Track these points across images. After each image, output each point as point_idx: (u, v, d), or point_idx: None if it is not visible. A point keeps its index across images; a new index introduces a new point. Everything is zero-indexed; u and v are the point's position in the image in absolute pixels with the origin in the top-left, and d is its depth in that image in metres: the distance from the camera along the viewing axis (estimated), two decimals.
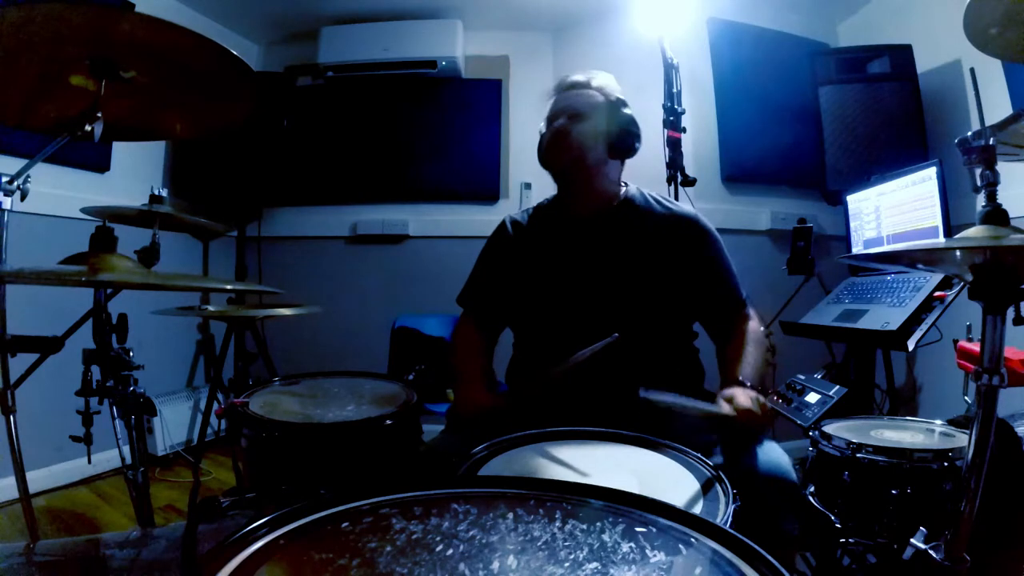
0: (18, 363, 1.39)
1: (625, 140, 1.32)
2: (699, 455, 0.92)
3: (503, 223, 1.48)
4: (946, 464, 1.20)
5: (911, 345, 1.73)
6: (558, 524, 0.61)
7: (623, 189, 1.40)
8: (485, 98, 3.24)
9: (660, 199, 1.40)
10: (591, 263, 1.33)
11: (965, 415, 1.46)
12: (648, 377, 1.23)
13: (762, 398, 1.08)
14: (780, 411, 1.74)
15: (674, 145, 1.99)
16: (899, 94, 2.55)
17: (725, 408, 1.05)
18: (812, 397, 1.68)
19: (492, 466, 0.92)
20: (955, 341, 1.45)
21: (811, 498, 1.34)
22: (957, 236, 0.90)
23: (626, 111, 1.33)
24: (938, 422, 1.43)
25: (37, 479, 2.14)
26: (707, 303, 1.35)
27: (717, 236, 1.36)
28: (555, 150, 1.32)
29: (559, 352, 1.31)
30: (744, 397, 1.07)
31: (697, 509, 0.77)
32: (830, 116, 2.66)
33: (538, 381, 1.21)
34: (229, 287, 1.54)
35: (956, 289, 1.78)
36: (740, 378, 1.16)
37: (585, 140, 1.30)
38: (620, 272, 1.31)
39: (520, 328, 1.44)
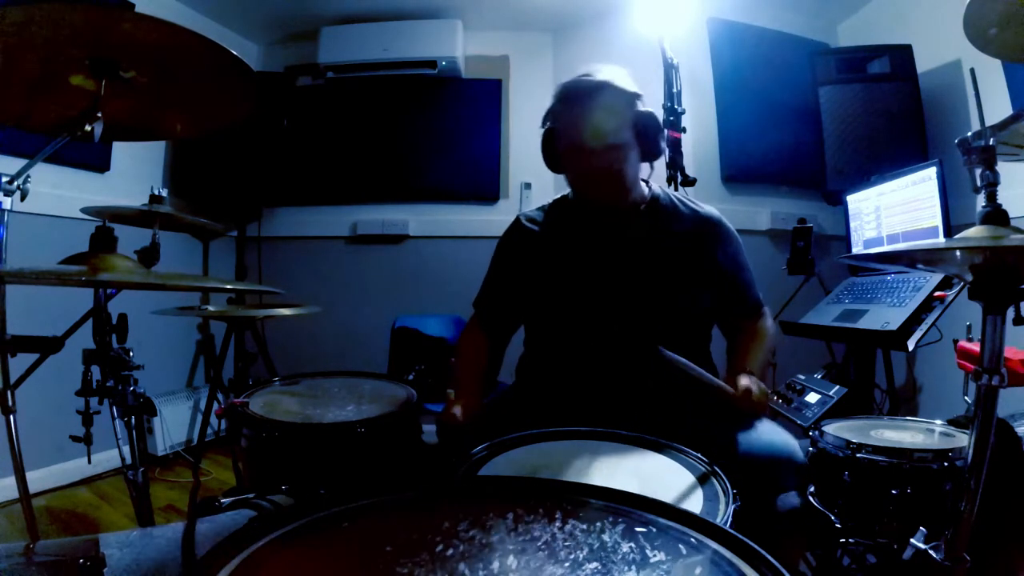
0: (18, 363, 1.38)
1: (656, 145, 1.27)
2: (699, 455, 0.92)
3: (517, 222, 1.44)
4: (946, 464, 1.19)
5: (911, 345, 1.73)
6: (558, 524, 0.61)
7: (648, 189, 1.38)
8: (485, 98, 3.24)
9: (684, 199, 1.39)
10: (616, 263, 1.32)
11: (965, 415, 1.46)
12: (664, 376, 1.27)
13: (763, 385, 1.14)
14: (780, 411, 1.74)
15: (674, 145, 1.99)
16: (899, 94, 2.55)
17: (727, 386, 1.11)
18: (812, 397, 1.68)
19: (492, 466, 0.92)
20: (955, 341, 1.45)
21: (811, 498, 1.34)
22: (957, 236, 0.90)
23: (645, 109, 1.25)
24: (938, 422, 1.43)
25: (37, 479, 2.14)
26: (724, 304, 1.36)
27: (738, 238, 1.38)
28: (602, 188, 1.27)
29: (574, 350, 1.33)
30: (745, 380, 1.12)
31: (697, 509, 0.77)
32: (830, 116, 2.66)
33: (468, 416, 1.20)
34: (229, 287, 1.54)
35: (956, 289, 1.78)
36: (742, 369, 1.21)
37: (627, 168, 1.26)
38: (644, 272, 1.31)
39: (535, 326, 1.43)
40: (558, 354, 1.37)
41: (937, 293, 1.82)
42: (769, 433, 1.13)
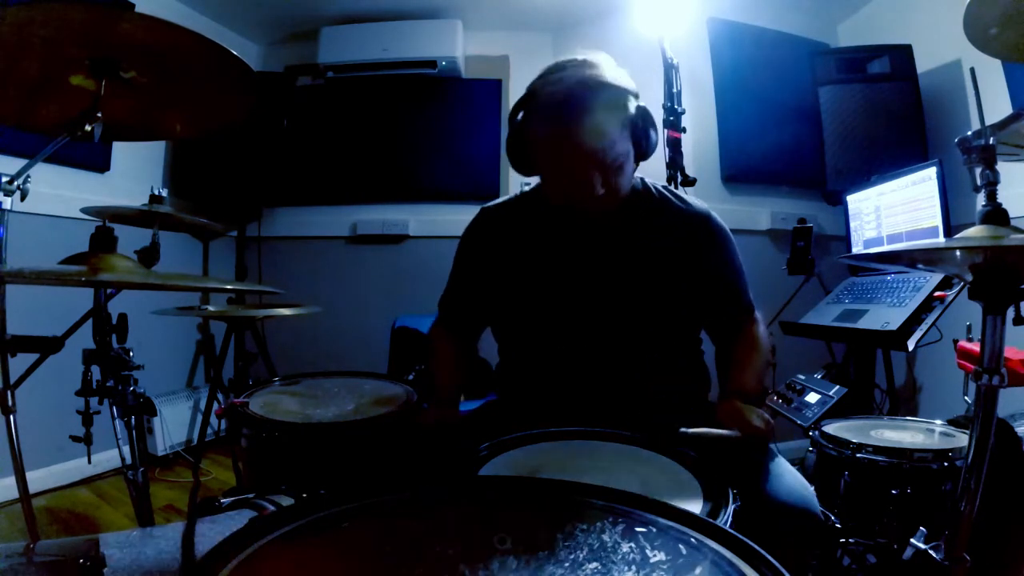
0: (18, 363, 1.38)
1: (651, 143, 1.15)
2: (699, 456, 0.92)
3: (482, 214, 1.33)
4: (946, 464, 1.20)
5: (911, 345, 1.73)
6: (558, 524, 0.61)
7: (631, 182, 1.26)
8: (485, 98, 3.24)
9: (671, 193, 1.28)
10: (593, 260, 1.23)
11: (965, 415, 1.46)
12: (652, 383, 1.22)
13: (766, 414, 1.04)
14: (780, 411, 1.74)
15: (674, 145, 1.99)
16: (899, 94, 2.55)
17: (729, 431, 1.02)
18: (812, 397, 1.68)
19: (492, 466, 0.92)
20: (955, 341, 1.45)
21: None
22: (957, 236, 0.90)
23: (641, 105, 1.13)
24: (938, 422, 1.43)
25: (37, 479, 2.14)
26: (712, 306, 1.27)
27: (729, 236, 1.27)
28: (589, 203, 1.13)
29: (553, 358, 1.26)
30: (747, 414, 1.03)
31: (697, 509, 0.77)
32: (830, 116, 2.66)
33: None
34: (229, 287, 1.54)
35: (956, 289, 1.78)
36: (741, 387, 1.14)
37: (623, 180, 1.14)
38: (624, 270, 1.22)
39: (508, 332, 1.34)
40: (535, 361, 1.30)
41: (937, 293, 1.82)
42: (783, 477, 1.01)
